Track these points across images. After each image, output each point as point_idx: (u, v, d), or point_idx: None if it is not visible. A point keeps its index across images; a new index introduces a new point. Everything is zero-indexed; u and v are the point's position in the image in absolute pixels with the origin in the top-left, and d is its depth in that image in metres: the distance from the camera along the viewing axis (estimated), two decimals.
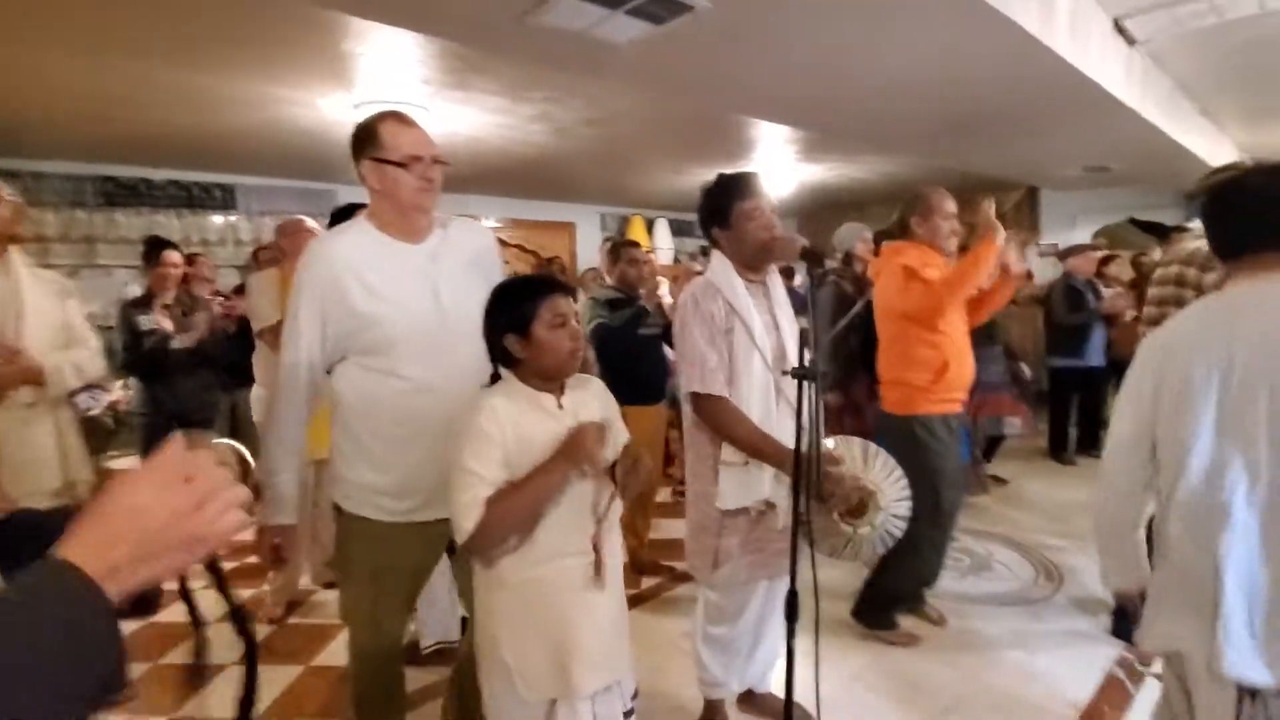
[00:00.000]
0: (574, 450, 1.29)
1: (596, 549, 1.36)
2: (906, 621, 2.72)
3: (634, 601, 3.00)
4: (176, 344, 3.33)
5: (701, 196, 1.85)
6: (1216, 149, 5.30)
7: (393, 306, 1.52)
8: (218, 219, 5.67)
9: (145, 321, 3.30)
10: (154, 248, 3.45)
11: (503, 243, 8.34)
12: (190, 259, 3.81)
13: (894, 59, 2.93)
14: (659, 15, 2.19)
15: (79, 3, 2.43)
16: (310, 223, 2.93)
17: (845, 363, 3.53)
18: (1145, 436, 1.32)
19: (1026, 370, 4.29)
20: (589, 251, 7.61)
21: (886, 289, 2.53)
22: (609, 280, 3.23)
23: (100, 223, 4.88)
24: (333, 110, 3.84)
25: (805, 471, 1.41)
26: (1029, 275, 6.10)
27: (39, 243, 4.64)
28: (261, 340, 2.86)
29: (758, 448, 1.69)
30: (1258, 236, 1.23)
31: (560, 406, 1.38)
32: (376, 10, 2.30)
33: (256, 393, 2.99)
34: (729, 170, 1.86)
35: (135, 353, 3.30)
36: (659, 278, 5.75)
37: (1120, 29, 3.22)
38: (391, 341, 1.52)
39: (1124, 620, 2.68)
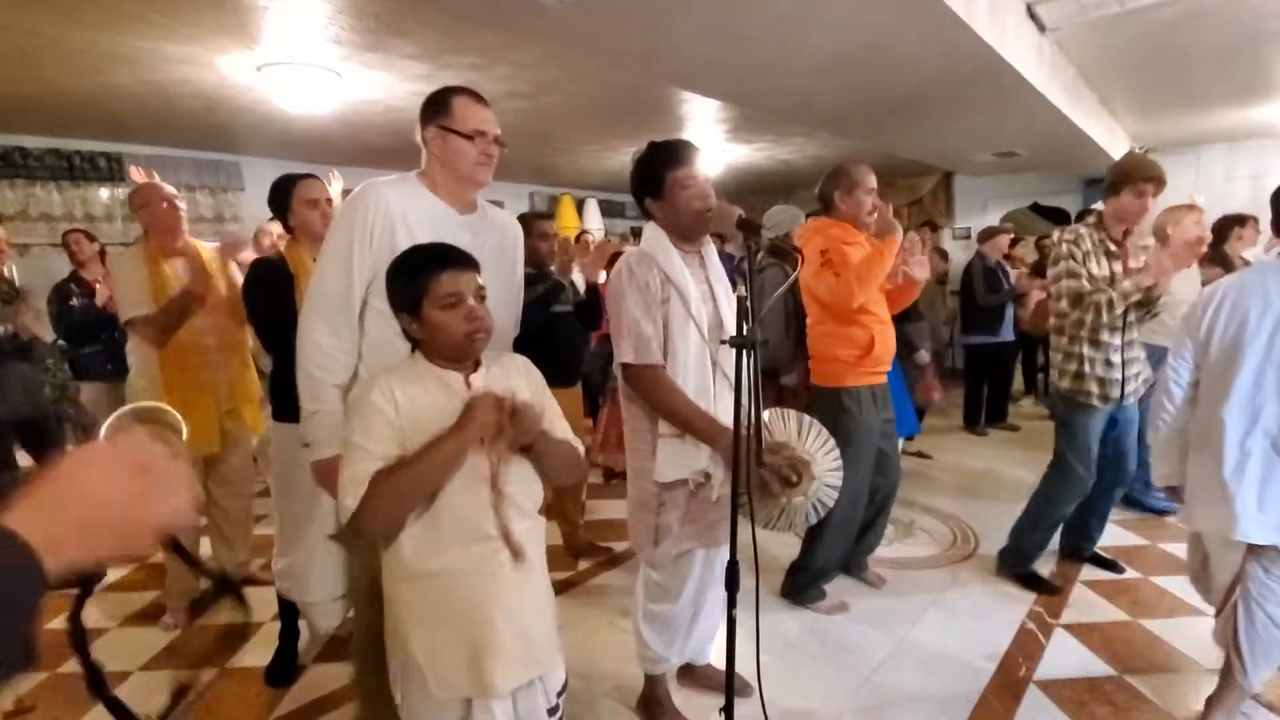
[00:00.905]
0: (468, 420, 1.20)
1: (506, 534, 1.27)
2: (846, 585, 2.82)
3: (570, 585, 2.96)
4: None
5: (633, 165, 1.79)
6: (1113, 138, 5.66)
7: None
8: (104, 192, 5.17)
9: None
10: None
11: None
12: None
13: (826, 35, 2.94)
14: None
15: None
16: (166, 187, 2.55)
17: (795, 345, 3.55)
18: (1192, 373, 1.96)
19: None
20: None
21: (807, 269, 2.55)
22: None
23: None
24: (233, 71, 3.54)
25: (745, 444, 1.39)
26: (944, 256, 6.42)
27: None
28: (132, 330, 2.52)
29: (691, 422, 1.66)
30: None
31: (469, 386, 1.29)
32: None
33: (134, 385, 2.70)
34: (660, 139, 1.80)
35: None
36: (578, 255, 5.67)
37: (1032, 15, 3.36)
38: None
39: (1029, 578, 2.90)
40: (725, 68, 3.33)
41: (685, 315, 1.69)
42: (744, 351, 1.36)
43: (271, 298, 2.10)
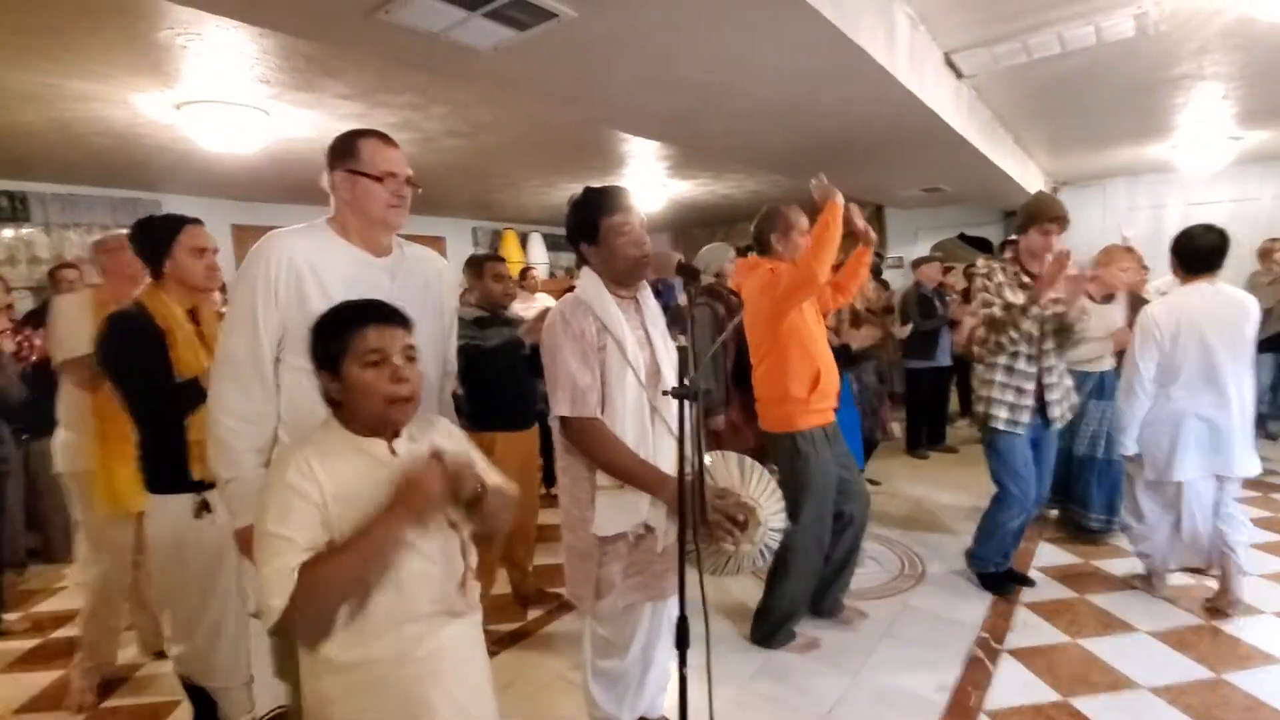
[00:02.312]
0: (410, 495, 1.09)
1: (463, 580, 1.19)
2: (819, 627, 2.77)
3: (519, 636, 2.85)
4: None
5: (569, 211, 1.78)
6: (1027, 173, 6.03)
7: None
8: (7, 232, 4.83)
9: None
10: None
11: None
12: None
13: (757, 83, 3.03)
14: (521, 21, 2.09)
15: None
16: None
17: (724, 385, 3.58)
18: (1156, 366, 2.75)
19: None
20: (459, 266, 7.30)
21: (753, 294, 2.58)
22: (471, 298, 3.04)
23: None
24: (150, 109, 3.38)
25: (689, 495, 1.36)
26: (885, 286, 6.63)
27: None
28: (66, 374, 2.38)
29: (632, 472, 1.62)
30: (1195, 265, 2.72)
31: (393, 453, 1.19)
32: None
33: (62, 438, 2.49)
34: (598, 184, 1.79)
35: None
36: (540, 294, 5.62)
37: (950, 63, 3.55)
38: None
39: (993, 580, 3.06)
40: (658, 112, 3.39)
41: (622, 363, 1.66)
42: (684, 401, 1.34)
43: (140, 357, 1.90)
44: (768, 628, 2.65)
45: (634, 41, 2.46)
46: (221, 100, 3.33)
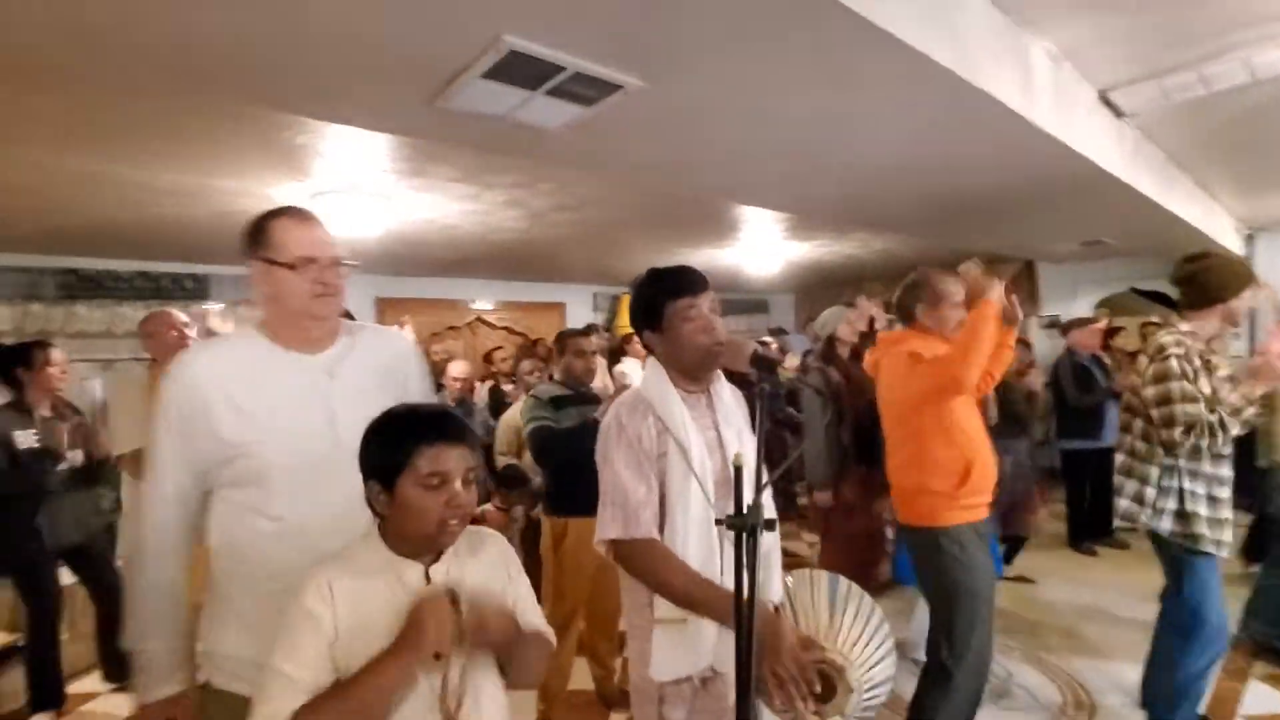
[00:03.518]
0: (415, 635, 0.98)
1: None
2: None
3: None
4: (65, 463, 2.88)
5: (631, 294, 1.60)
6: (1212, 220, 5.13)
7: (267, 432, 1.27)
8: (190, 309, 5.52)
9: (23, 438, 2.82)
10: (26, 348, 2.99)
11: (490, 325, 8.13)
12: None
13: (864, 138, 2.76)
14: (586, 96, 2.00)
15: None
16: (179, 315, 2.59)
17: (839, 459, 3.22)
18: None
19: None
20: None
21: (891, 380, 2.27)
22: (555, 375, 2.93)
23: (59, 316, 4.71)
24: (289, 201, 3.70)
25: (747, 646, 1.08)
26: (1026, 345, 5.85)
27: None
28: (123, 468, 2.47)
29: (695, 598, 1.35)
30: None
31: (428, 580, 1.07)
32: (277, 102, 2.12)
33: (123, 523, 2.63)
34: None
35: (9, 472, 2.76)
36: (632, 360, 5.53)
37: (1107, 101, 3.07)
38: (262, 473, 1.26)
39: None
40: (758, 179, 3.20)
41: (686, 471, 1.42)
42: (746, 535, 1.08)
43: None
44: None
45: (715, 108, 2.30)
46: (345, 190, 3.58)
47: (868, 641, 1.34)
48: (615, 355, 4.04)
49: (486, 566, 1.16)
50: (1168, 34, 2.49)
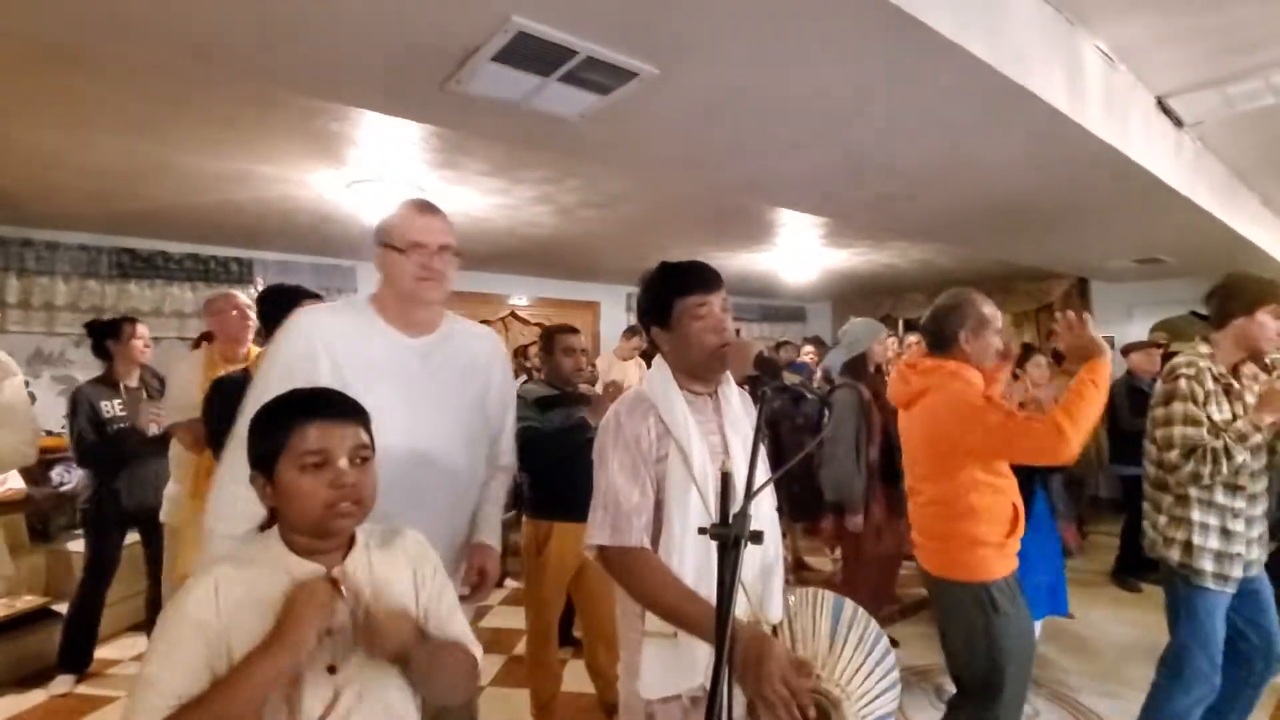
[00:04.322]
0: (286, 625, 0.91)
1: None
2: None
3: None
4: (150, 432, 2.96)
5: (640, 288, 1.56)
6: None
7: (353, 394, 1.29)
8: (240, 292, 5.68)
9: (108, 408, 3.01)
10: (116, 323, 3.16)
11: (524, 321, 8.15)
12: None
13: (897, 138, 2.64)
14: (600, 84, 1.95)
15: (66, 84, 2.37)
16: (241, 297, 2.70)
17: (865, 476, 3.11)
18: None
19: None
20: (612, 332, 7.40)
21: (943, 416, 1.97)
22: (543, 374, 2.87)
23: (112, 293, 4.89)
24: (326, 188, 3.78)
25: (726, 666, 1.02)
26: None
27: (46, 311, 4.66)
28: (176, 437, 2.56)
29: (683, 612, 1.26)
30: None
31: (332, 580, 0.99)
32: (292, 84, 2.12)
33: (170, 490, 2.70)
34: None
35: (97, 442, 2.96)
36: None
37: (1165, 109, 2.91)
38: None
39: None
40: (784, 177, 3.09)
41: (686, 477, 1.35)
42: (729, 547, 1.02)
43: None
44: None
45: (734, 97, 2.20)
46: (380, 179, 3.62)
47: (869, 673, 1.25)
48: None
49: (390, 566, 1.08)
50: (1232, 37, 2.34)
